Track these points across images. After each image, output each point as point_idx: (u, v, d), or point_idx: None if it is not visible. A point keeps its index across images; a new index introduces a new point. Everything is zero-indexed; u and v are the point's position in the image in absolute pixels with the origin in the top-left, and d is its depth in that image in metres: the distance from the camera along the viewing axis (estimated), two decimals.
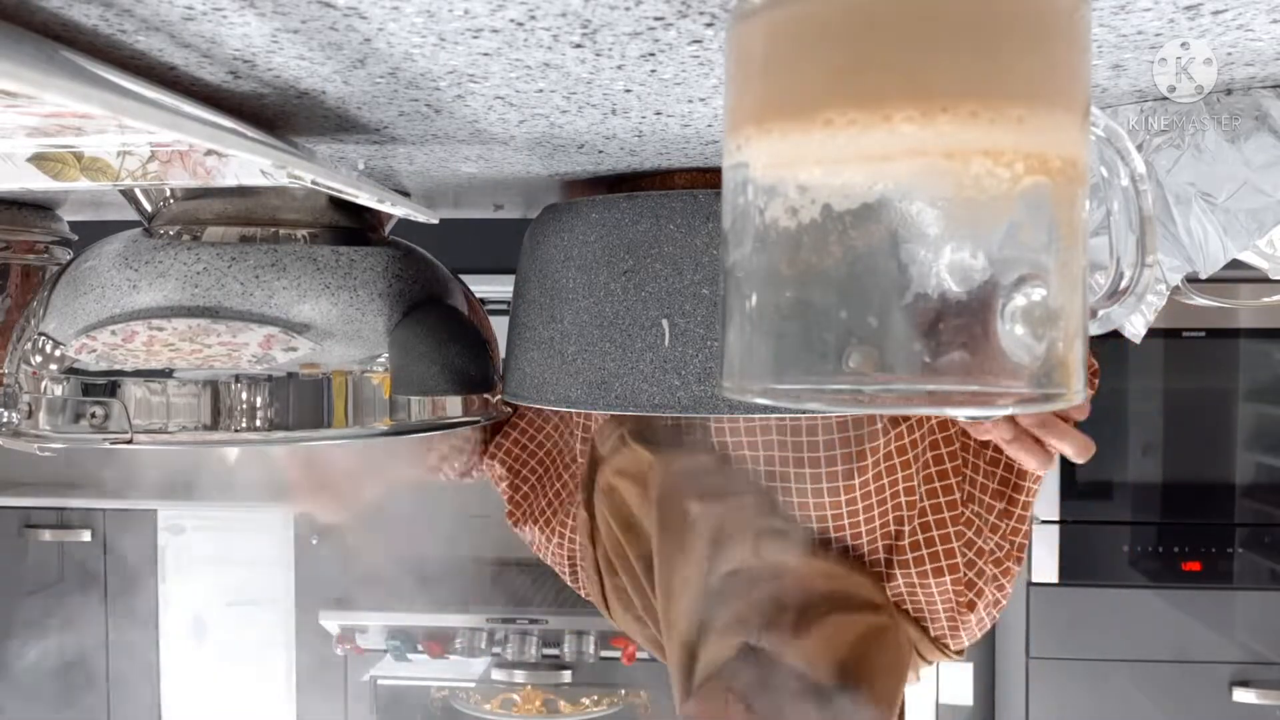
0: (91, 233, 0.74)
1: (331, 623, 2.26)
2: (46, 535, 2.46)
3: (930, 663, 0.95)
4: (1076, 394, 0.27)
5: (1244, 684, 2.01)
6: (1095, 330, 0.32)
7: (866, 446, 0.87)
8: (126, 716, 2.47)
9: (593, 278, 0.62)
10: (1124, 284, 0.33)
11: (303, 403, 0.59)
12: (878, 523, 0.90)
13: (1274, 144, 0.48)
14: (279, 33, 0.36)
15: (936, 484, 0.89)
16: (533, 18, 0.35)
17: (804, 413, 0.72)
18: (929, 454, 0.89)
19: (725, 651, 0.89)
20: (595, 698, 2.22)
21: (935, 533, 0.88)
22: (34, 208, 0.83)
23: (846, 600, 0.89)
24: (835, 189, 0.25)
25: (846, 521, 0.90)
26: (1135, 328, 0.57)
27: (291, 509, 0.95)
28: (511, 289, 0.71)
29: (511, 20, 0.35)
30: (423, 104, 0.47)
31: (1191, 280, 0.66)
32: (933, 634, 0.92)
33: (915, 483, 0.89)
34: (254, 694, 2.43)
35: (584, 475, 1.03)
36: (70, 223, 0.88)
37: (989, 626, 0.92)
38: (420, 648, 2.21)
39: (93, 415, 0.58)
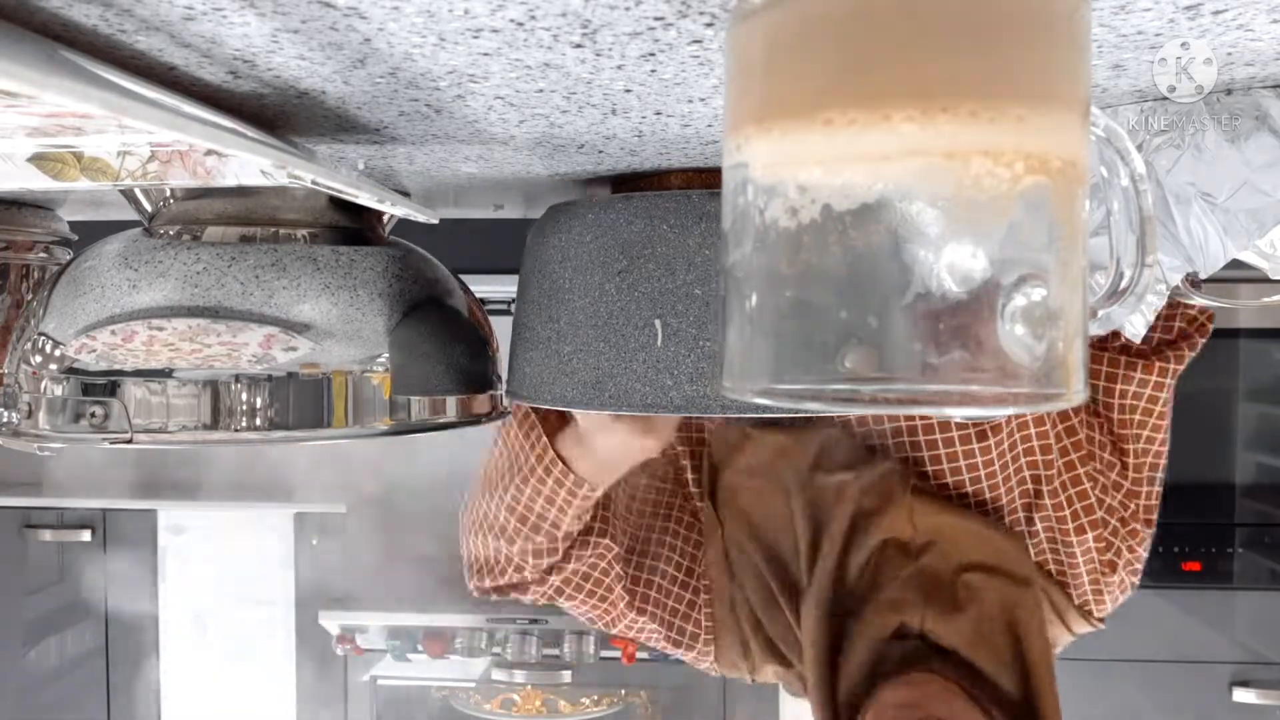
0: (91, 233, 0.74)
1: (331, 623, 2.26)
2: (46, 535, 2.46)
3: (1075, 635, 0.93)
4: (1076, 394, 0.27)
5: (1244, 684, 2.00)
6: (1095, 330, 0.32)
7: None
8: (126, 717, 2.47)
9: (588, 278, 0.62)
10: (1124, 284, 0.33)
11: (303, 403, 0.59)
12: (1014, 481, 0.89)
13: (1274, 144, 0.48)
14: (279, 33, 0.36)
15: (1067, 440, 0.89)
16: (533, 18, 0.35)
17: (805, 413, 0.72)
18: (1057, 412, 0.88)
19: (882, 632, 0.86)
20: (595, 698, 2.22)
21: (1073, 490, 0.88)
22: (34, 208, 0.83)
23: (994, 569, 0.87)
24: (835, 189, 0.25)
25: (985, 484, 0.89)
26: (1135, 328, 0.57)
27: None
28: (512, 289, 0.71)
29: (511, 20, 0.35)
30: (423, 104, 0.47)
31: (1192, 280, 0.66)
32: (1077, 600, 0.90)
33: (1050, 441, 0.88)
34: (254, 694, 2.43)
35: (707, 489, 0.97)
36: (70, 223, 0.88)
37: (1129, 592, 0.91)
38: (420, 648, 2.21)
39: (93, 415, 0.58)
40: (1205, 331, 0.90)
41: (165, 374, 0.58)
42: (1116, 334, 0.91)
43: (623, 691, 2.23)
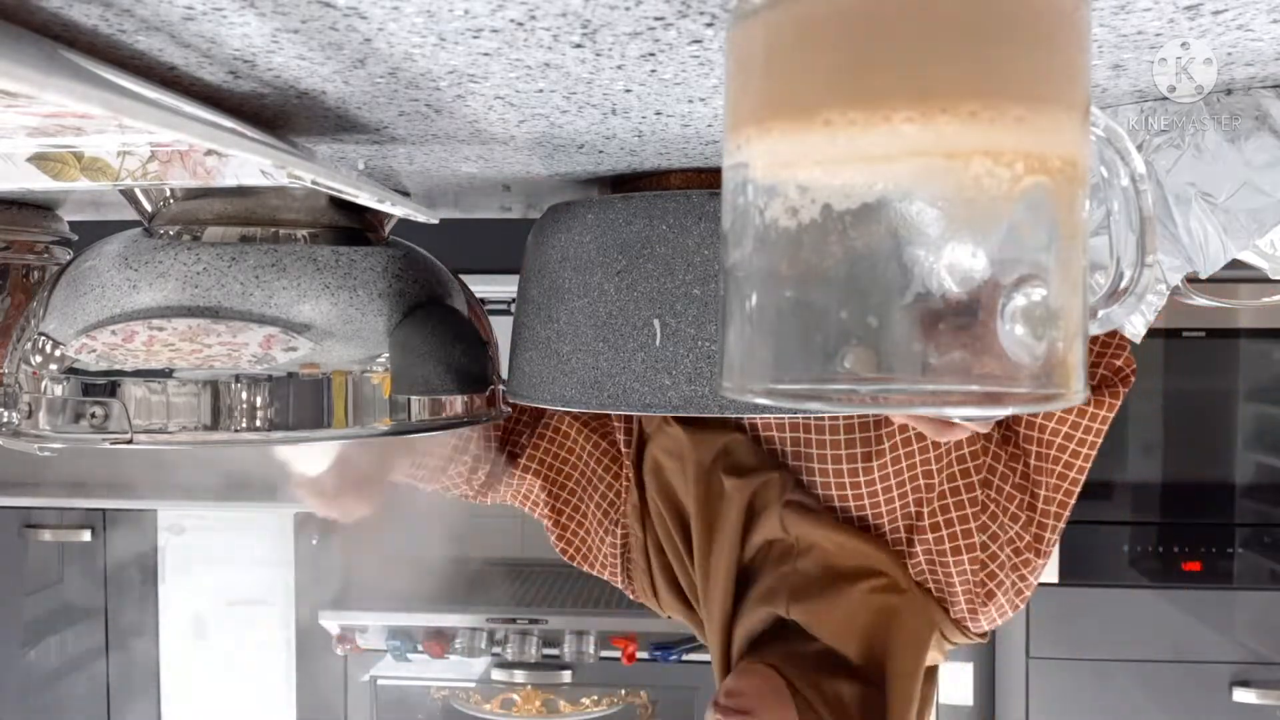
0: (91, 233, 0.74)
1: (331, 623, 2.26)
2: (46, 535, 2.46)
3: (954, 644, 0.99)
4: (1076, 394, 0.27)
5: (1244, 684, 2.00)
6: (1095, 330, 0.32)
7: (884, 431, 0.93)
8: (126, 717, 2.47)
9: (587, 278, 0.62)
10: (1124, 284, 0.33)
11: (303, 403, 0.59)
12: (898, 504, 0.95)
13: (1274, 144, 0.48)
14: (279, 33, 0.36)
15: (956, 468, 0.94)
16: (533, 18, 0.35)
17: (805, 413, 0.72)
18: (955, 442, 0.93)
19: (758, 624, 0.97)
20: (595, 698, 2.22)
21: (954, 514, 0.94)
22: (34, 208, 0.83)
23: (868, 575, 0.95)
24: (835, 189, 0.25)
25: (867, 502, 0.96)
26: (1135, 328, 0.57)
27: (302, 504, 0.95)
28: (512, 289, 0.71)
29: (511, 20, 0.35)
30: (423, 104, 0.47)
31: (1191, 280, 0.66)
32: (954, 615, 0.96)
33: (934, 468, 0.94)
34: (254, 694, 2.43)
35: (634, 454, 1.06)
36: (70, 223, 0.88)
37: (1010, 615, 0.96)
38: (420, 648, 2.21)
39: (93, 415, 0.58)
40: (1129, 382, 0.95)
41: (165, 374, 0.58)
42: None
43: (623, 691, 2.23)
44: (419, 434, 0.65)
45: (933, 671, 0.98)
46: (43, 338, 0.60)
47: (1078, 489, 0.94)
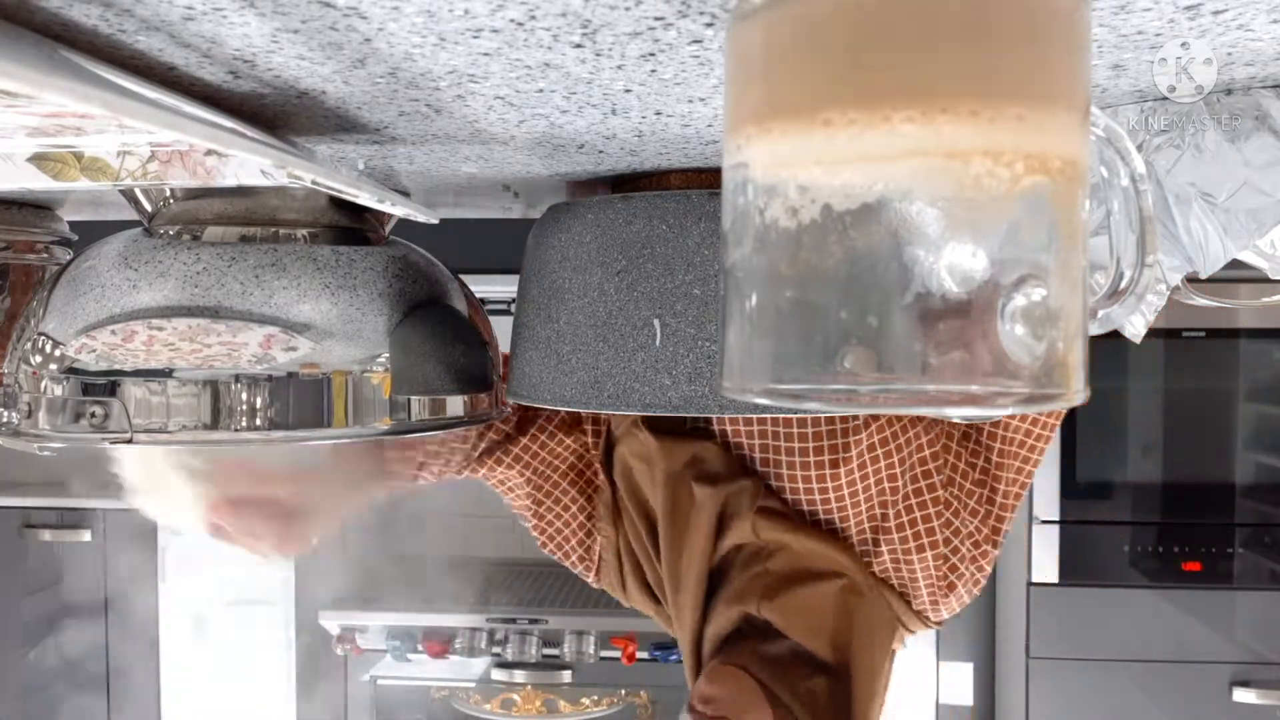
0: (91, 233, 0.74)
1: (331, 623, 2.26)
2: (46, 535, 2.46)
3: (913, 632, 1.03)
4: (1076, 394, 0.27)
5: (1244, 684, 2.00)
6: (1095, 330, 0.32)
7: (851, 439, 0.96)
8: (126, 716, 2.47)
9: (587, 278, 0.62)
10: (1124, 284, 0.33)
11: (303, 403, 0.59)
12: (864, 508, 0.98)
13: (1274, 144, 0.48)
14: (279, 33, 0.36)
15: (919, 470, 0.98)
16: (533, 18, 0.35)
17: (804, 412, 0.72)
18: (913, 444, 0.97)
19: (728, 624, 0.98)
20: (595, 698, 2.22)
21: (918, 514, 0.98)
22: (34, 208, 0.83)
23: (835, 575, 0.98)
24: (835, 189, 0.25)
25: (834, 506, 0.99)
26: (1135, 328, 0.57)
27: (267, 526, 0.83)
28: (512, 289, 0.71)
29: (511, 20, 0.35)
30: (423, 104, 0.47)
31: (1191, 280, 0.66)
32: (915, 607, 1.00)
33: (898, 470, 0.97)
34: (254, 694, 2.43)
35: (602, 455, 1.07)
36: (70, 223, 0.88)
37: (968, 602, 1.01)
38: (420, 648, 2.21)
39: (93, 415, 0.58)
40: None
41: (165, 374, 0.58)
42: None
43: (623, 691, 2.23)
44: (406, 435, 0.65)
45: (891, 655, 1.03)
46: (42, 338, 0.60)
47: (1031, 480, 0.99)
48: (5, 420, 0.62)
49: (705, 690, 0.95)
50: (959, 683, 2.18)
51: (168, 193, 0.64)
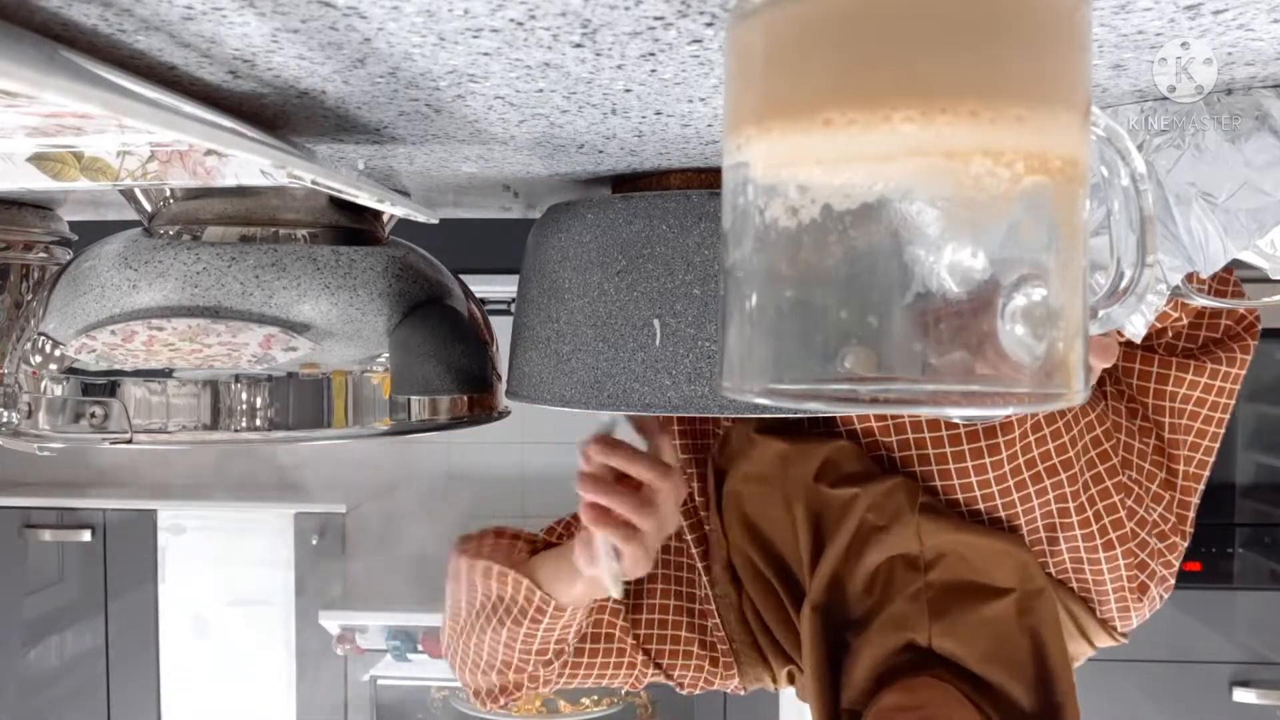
0: (91, 233, 0.74)
1: (331, 623, 2.26)
2: (46, 535, 2.46)
3: (1096, 648, 0.88)
4: (1077, 394, 0.27)
5: (1244, 684, 2.00)
6: (1095, 330, 0.32)
7: (999, 422, 0.81)
8: (126, 716, 2.47)
9: (587, 278, 0.62)
10: (1124, 284, 0.33)
11: (303, 403, 0.59)
12: (1035, 500, 0.83)
13: (1274, 144, 0.48)
14: (279, 32, 0.36)
15: (1093, 451, 0.83)
16: (533, 17, 0.35)
17: (804, 413, 0.72)
18: (1081, 421, 0.83)
19: (887, 646, 0.82)
20: (595, 698, 2.22)
21: (1101, 505, 0.82)
22: (34, 208, 0.83)
23: (1007, 591, 0.81)
24: (835, 189, 0.25)
25: (999, 500, 0.83)
26: (1135, 327, 0.57)
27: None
28: (512, 289, 0.71)
29: (511, 20, 0.35)
30: (423, 104, 0.47)
31: (1191, 280, 0.66)
32: (1101, 615, 0.85)
33: (1071, 454, 0.82)
34: (254, 694, 2.43)
35: (713, 496, 0.94)
36: (70, 223, 0.88)
37: (1158, 608, 0.86)
38: (420, 648, 2.21)
39: (93, 415, 0.58)
40: (1254, 331, 0.85)
41: (165, 374, 0.58)
42: (1161, 333, 0.87)
43: (623, 691, 2.23)
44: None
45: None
46: (42, 338, 0.60)
47: (1212, 458, 0.84)
48: (5, 420, 0.62)
49: (903, 699, 0.78)
50: None
51: (168, 193, 0.64)
